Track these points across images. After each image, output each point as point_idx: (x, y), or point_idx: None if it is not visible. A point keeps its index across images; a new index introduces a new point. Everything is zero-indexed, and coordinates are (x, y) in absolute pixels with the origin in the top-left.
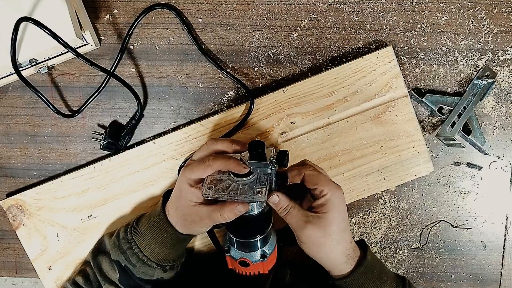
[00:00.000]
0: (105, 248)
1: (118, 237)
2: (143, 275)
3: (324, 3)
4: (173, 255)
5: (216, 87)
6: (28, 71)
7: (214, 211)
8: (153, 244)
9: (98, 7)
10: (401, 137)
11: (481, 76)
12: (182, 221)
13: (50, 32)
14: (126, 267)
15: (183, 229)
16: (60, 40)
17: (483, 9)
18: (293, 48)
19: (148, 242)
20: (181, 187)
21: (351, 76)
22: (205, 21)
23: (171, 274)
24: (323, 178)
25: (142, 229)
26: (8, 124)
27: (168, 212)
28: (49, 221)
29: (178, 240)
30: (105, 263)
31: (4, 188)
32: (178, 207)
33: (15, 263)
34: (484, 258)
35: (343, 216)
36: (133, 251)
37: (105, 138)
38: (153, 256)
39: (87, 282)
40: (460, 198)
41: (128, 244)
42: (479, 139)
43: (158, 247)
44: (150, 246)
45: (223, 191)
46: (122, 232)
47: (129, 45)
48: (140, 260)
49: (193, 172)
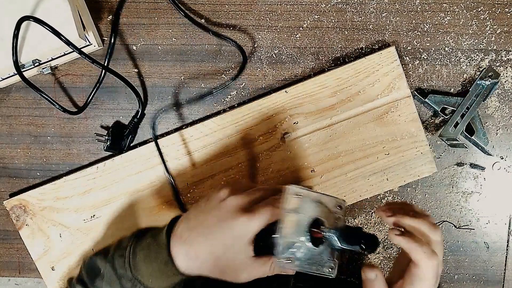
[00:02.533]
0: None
1: (116, 271)
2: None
3: (327, 4)
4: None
5: (219, 88)
6: (31, 71)
7: (266, 265)
8: (162, 283)
9: (101, 7)
10: (404, 137)
11: (484, 77)
12: (215, 271)
13: (52, 29)
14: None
15: (212, 275)
16: (62, 37)
17: (486, 10)
18: (295, 48)
19: (156, 281)
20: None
21: (354, 77)
22: (208, 22)
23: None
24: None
25: (144, 270)
26: (11, 124)
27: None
28: (52, 221)
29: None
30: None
31: (7, 188)
32: (218, 258)
33: (18, 263)
34: (487, 259)
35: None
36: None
37: (108, 140)
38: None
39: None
40: (463, 199)
41: (131, 283)
42: (482, 139)
43: (165, 283)
44: (158, 284)
45: (298, 260)
46: (118, 266)
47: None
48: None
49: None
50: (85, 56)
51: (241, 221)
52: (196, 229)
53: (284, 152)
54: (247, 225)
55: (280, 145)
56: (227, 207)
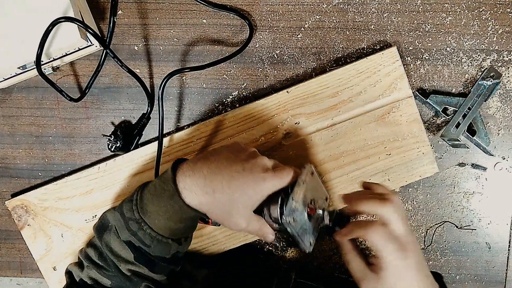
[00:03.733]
0: (109, 224)
1: (124, 216)
2: (159, 253)
3: (328, 4)
4: (188, 227)
5: (220, 88)
6: (32, 72)
7: (258, 223)
8: (168, 223)
9: (103, 8)
10: (405, 138)
11: (486, 77)
12: (223, 213)
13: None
14: (140, 247)
15: (213, 216)
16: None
17: (488, 10)
18: (297, 48)
19: (162, 221)
20: (260, 189)
21: (356, 77)
22: (209, 22)
23: (186, 245)
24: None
25: (151, 208)
26: (13, 124)
27: (205, 191)
28: (53, 221)
29: (196, 217)
30: (115, 242)
31: (9, 188)
32: (234, 201)
33: (20, 263)
34: (489, 260)
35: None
36: (145, 232)
37: (120, 141)
38: (168, 232)
39: (101, 258)
40: (465, 199)
41: (138, 225)
42: (484, 140)
43: (174, 224)
44: (164, 225)
45: (296, 226)
46: (126, 210)
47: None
48: (154, 239)
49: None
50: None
51: (268, 177)
52: (218, 169)
53: (285, 152)
54: (271, 182)
55: (281, 145)
56: (258, 163)
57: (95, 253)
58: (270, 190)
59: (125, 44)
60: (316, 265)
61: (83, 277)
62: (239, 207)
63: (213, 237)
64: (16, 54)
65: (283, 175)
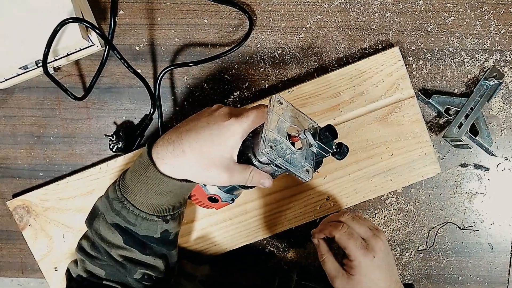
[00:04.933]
0: (98, 212)
1: (108, 198)
2: (147, 231)
3: (330, 4)
4: (173, 204)
5: (222, 88)
6: (34, 72)
7: (245, 171)
8: (148, 197)
9: (104, 8)
10: (407, 138)
11: (489, 77)
12: (200, 169)
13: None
14: (126, 228)
15: (192, 176)
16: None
17: (491, 10)
18: (299, 48)
19: (143, 197)
20: (227, 135)
21: (357, 77)
22: (211, 22)
23: (174, 224)
24: (352, 244)
25: (131, 185)
26: (15, 125)
27: (175, 153)
28: (55, 221)
29: (176, 188)
30: (103, 228)
31: (10, 188)
32: (206, 154)
33: (21, 263)
34: (491, 260)
35: (374, 281)
36: (128, 210)
37: (122, 142)
38: (151, 209)
39: (93, 247)
40: (467, 200)
41: (121, 204)
42: (487, 140)
43: (154, 199)
44: (145, 200)
45: (281, 156)
46: (110, 192)
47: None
48: (138, 217)
49: (249, 121)
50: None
51: (230, 121)
52: (186, 131)
53: None
54: (235, 125)
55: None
56: (220, 113)
57: (88, 244)
58: (239, 134)
59: (126, 44)
60: (318, 266)
61: (79, 272)
62: (214, 161)
63: (214, 238)
64: (18, 55)
65: (245, 115)
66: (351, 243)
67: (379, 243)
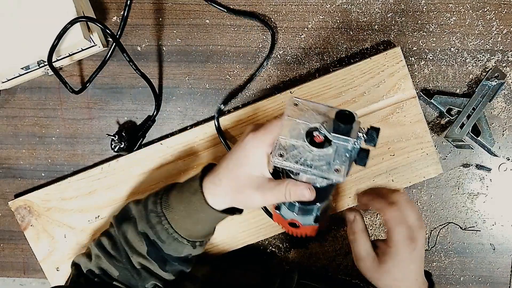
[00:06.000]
0: (130, 216)
1: (146, 208)
2: (172, 251)
3: (332, 4)
4: (205, 232)
5: (223, 89)
6: (35, 72)
7: (279, 186)
8: (186, 221)
9: (106, 8)
10: (409, 138)
11: (491, 77)
12: (235, 194)
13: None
14: (154, 241)
15: (231, 202)
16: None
17: (492, 10)
18: (300, 49)
19: (181, 219)
20: (248, 153)
21: (359, 77)
22: (212, 22)
23: (199, 250)
24: (400, 231)
25: (174, 204)
26: (16, 125)
27: (215, 182)
28: (57, 222)
29: (214, 219)
30: (131, 233)
31: (12, 189)
32: (235, 177)
33: (23, 263)
34: (493, 261)
35: (405, 274)
36: (163, 226)
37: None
38: (185, 233)
39: (114, 247)
40: (469, 200)
41: (158, 218)
42: (488, 140)
43: (191, 225)
44: (182, 223)
45: (296, 161)
46: (150, 203)
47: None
48: (170, 236)
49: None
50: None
51: (248, 138)
52: (222, 160)
53: None
54: (253, 141)
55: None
56: (243, 134)
57: (109, 242)
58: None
59: (128, 45)
60: (319, 266)
61: (92, 267)
62: (244, 182)
63: (215, 238)
64: (19, 55)
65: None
66: (400, 229)
67: (423, 235)
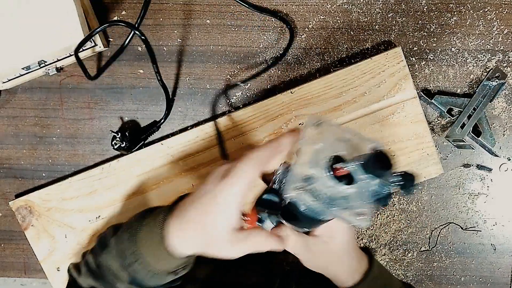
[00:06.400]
0: (108, 246)
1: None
2: (155, 282)
3: (332, 4)
4: (183, 263)
5: (224, 89)
6: (36, 72)
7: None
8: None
9: (107, 8)
10: (410, 138)
11: (491, 77)
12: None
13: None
14: (135, 277)
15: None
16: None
17: (493, 10)
18: (301, 49)
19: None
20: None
21: (360, 77)
22: (213, 22)
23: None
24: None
25: (145, 249)
26: (17, 125)
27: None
28: (57, 222)
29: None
30: (114, 264)
31: (13, 189)
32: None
33: (23, 263)
34: (494, 261)
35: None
36: (140, 265)
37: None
38: (162, 267)
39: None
40: (470, 200)
41: (134, 257)
42: (489, 140)
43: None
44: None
45: (314, 195)
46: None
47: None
48: (149, 272)
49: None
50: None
51: (222, 184)
52: (189, 202)
53: None
54: (226, 185)
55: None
56: (217, 173)
57: (95, 263)
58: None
59: (129, 45)
60: None
61: (81, 282)
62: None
63: None
64: (20, 55)
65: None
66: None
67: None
